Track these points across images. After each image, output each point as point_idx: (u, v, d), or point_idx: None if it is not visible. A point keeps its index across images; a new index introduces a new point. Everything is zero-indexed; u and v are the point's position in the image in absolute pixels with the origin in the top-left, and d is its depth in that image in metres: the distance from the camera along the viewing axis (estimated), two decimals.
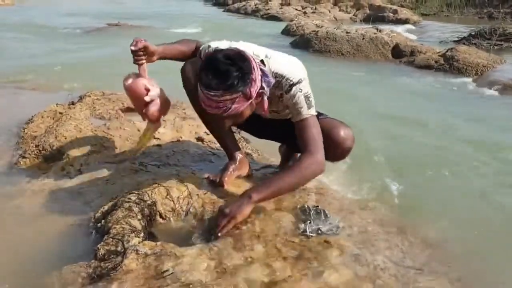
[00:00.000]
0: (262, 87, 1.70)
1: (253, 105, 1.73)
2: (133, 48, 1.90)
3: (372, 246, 1.67)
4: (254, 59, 1.69)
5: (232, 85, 1.58)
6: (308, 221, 1.78)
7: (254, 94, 1.66)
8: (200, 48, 1.96)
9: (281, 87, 1.81)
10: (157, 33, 9.25)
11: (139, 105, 2.02)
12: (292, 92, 1.79)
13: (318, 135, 1.80)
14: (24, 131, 2.89)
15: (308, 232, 1.72)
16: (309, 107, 1.80)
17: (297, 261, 1.53)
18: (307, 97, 1.79)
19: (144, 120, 2.19)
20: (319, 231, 1.73)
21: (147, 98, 1.94)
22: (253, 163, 2.35)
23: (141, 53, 1.92)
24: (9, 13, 13.79)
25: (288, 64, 1.86)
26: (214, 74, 1.60)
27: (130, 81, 1.94)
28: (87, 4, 19.72)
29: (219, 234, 1.67)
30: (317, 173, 1.82)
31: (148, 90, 1.94)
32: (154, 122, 2.13)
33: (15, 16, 12.74)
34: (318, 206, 1.91)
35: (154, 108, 1.98)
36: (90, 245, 1.70)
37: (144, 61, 1.95)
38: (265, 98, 1.75)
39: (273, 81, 1.75)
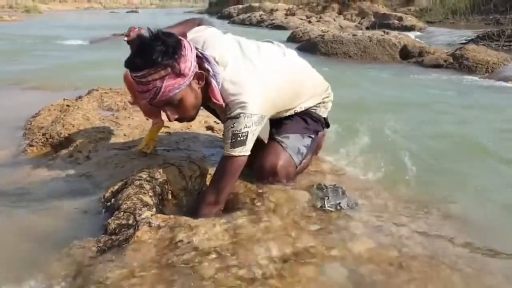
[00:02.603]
0: (204, 69, 1.60)
1: (196, 91, 1.60)
2: (126, 39, 1.82)
3: (394, 219, 1.60)
4: (186, 41, 1.59)
5: (156, 61, 1.46)
6: (326, 197, 1.71)
7: (187, 71, 1.52)
8: None
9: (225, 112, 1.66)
10: None
11: (135, 96, 1.94)
12: (226, 123, 1.64)
13: (226, 182, 1.66)
14: (31, 123, 2.85)
15: (326, 206, 1.65)
16: (233, 146, 1.62)
17: (318, 232, 1.46)
18: (235, 135, 1.61)
19: (147, 118, 2.12)
20: (338, 206, 1.66)
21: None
22: None
23: None
24: (19, 28, 13.95)
25: (243, 76, 1.67)
26: (138, 53, 1.51)
27: (126, 72, 1.84)
28: (91, 19, 19.93)
29: None
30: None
31: None
32: (151, 117, 2.06)
33: (24, 29, 12.88)
34: (335, 184, 1.84)
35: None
36: (100, 224, 1.63)
37: None
38: (214, 83, 1.62)
39: (218, 71, 1.63)
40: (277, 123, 1.98)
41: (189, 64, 1.53)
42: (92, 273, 1.29)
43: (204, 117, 2.82)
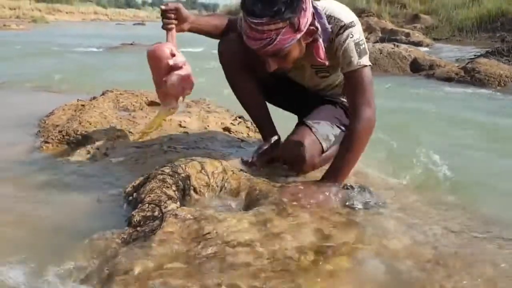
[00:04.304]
0: (315, 26, 1.56)
1: (302, 46, 1.58)
2: (163, 7, 1.74)
3: (425, 218, 1.55)
4: None
5: (279, 12, 1.42)
6: (354, 195, 1.66)
7: (303, 27, 1.50)
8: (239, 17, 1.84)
9: (330, 29, 1.64)
10: None
11: (159, 73, 1.79)
12: (342, 36, 1.62)
13: (370, 91, 1.66)
14: (45, 122, 2.81)
15: (355, 204, 1.60)
16: (360, 55, 1.62)
17: (350, 228, 1.41)
18: (357, 44, 1.62)
19: (162, 99, 2.00)
20: (367, 205, 1.61)
21: (170, 61, 1.74)
22: None
23: (171, 15, 1.74)
24: (29, 36, 14.07)
25: (339, 6, 1.70)
26: None
27: (153, 46, 1.75)
28: (99, 30, 20.09)
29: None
30: (372, 130, 1.71)
31: (173, 55, 1.75)
32: (171, 100, 1.90)
33: (35, 37, 12.98)
34: (361, 184, 1.80)
35: (175, 77, 1.78)
36: (122, 217, 1.59)
37: (173, 26, 1.77)
38: (320, 41, 1.60)
39: (328, 26, 1.62)
40: (308, 111, 1.97)
41: (306, 20, 1.51)
42: (117, 264, 1.24)
43: (221, 119, 2.79)
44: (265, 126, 2.05)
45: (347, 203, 1.61)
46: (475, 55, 8.08)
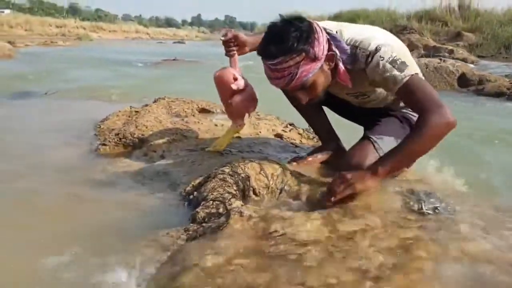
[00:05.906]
0: (332, 50, 1.55)
1: (326, 73, 1.58)
2: (223, 38, 1.88)
3: (500, 224, 1.46)
4: (316, 23, 1.56)
5: (292, 47, 1.44)
6: (422, 201, 1.59)
7: (320, 55, 1.50)
8: None
9: (358, 60, 1.61)
10: (214, 66, 9.45)
11: (225, 95, 1.97)
12: (372, 63, 1.57)
13: (431, 92, 1.54)
14: (101, 126, 2.87)
15: (424, 209, 1.53)
16: (400, 70, 1.53)
17: (423, 232, 1.34)
18: (393, 61, 1.54)
19: (230, 117, 2.12)
20: (436, 210, 1.54)
21: (233, 86, 1.89)
22: None
23: (231, 43, 1.88)
24: (76, 51, 14.58)
25: (363, 31, 1.66)
26: (271, 40, 1.50)
27: (219, 71, 1.92)
28: (140, 47, 20.66)
29: (332, 200, 1.50)
30: (446, 129, 1.52)
31: (236, 79, 1.90)
32: (237, 118, 2.08)
33: (81, 53, 13.49)
34: (427, 190, 1.73)
35: (239, 99, 1.94)
36: (182, 216, 1.59)
37: (235, 52, 1.91)
38: (341, 65, 1.59)
39: (347, 47, 1.59)
40: (372, 124, 1.91)
41: (322, 47, 1.51)
42: (185, 259, 1.23)
43: (272, 126, 2.77)
44: (323, 136, 2.11)
45: (416, 208, 1.55)
46: None
